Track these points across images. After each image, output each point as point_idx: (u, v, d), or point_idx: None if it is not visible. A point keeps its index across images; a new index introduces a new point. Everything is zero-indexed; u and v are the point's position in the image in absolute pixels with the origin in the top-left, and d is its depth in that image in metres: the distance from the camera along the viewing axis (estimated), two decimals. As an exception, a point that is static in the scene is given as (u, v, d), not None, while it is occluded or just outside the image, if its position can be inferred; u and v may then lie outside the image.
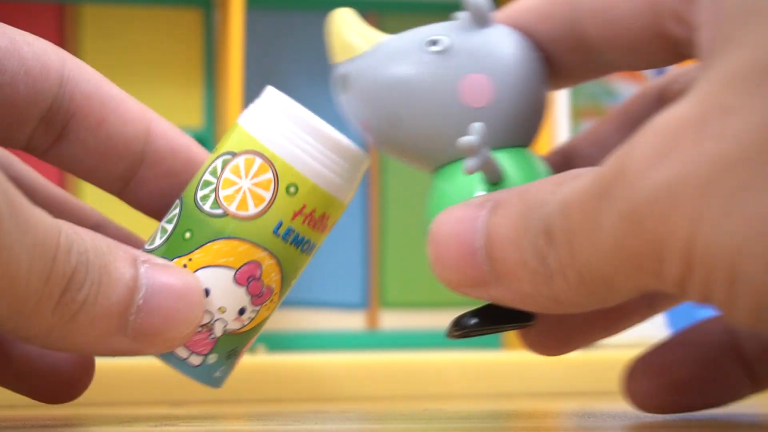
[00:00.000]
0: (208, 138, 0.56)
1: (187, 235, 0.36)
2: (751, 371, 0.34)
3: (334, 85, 0.35)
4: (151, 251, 0.36)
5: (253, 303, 0.36)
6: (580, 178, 0.28)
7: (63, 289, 0.31)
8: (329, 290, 0.58)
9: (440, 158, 0.34)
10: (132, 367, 0.48)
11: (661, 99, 0.36)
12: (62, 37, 0.55)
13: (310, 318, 0.57)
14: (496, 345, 0.58)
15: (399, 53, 0.33)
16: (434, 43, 0.33)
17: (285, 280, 0.37)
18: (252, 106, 0.37)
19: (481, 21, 0.33)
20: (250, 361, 0.50)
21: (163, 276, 0.34)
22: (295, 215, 0.36)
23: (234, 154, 0.36)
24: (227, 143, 0.36)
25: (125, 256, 0.33)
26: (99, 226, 0.38)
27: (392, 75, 0.33)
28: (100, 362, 0.49)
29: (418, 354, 0.54)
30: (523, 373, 0.51)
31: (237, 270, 0.36)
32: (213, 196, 0.36)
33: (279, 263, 0.36)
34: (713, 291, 0.25)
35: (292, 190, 0.36)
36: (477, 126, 0.31)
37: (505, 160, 0.32)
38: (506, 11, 0.34)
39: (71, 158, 0.36)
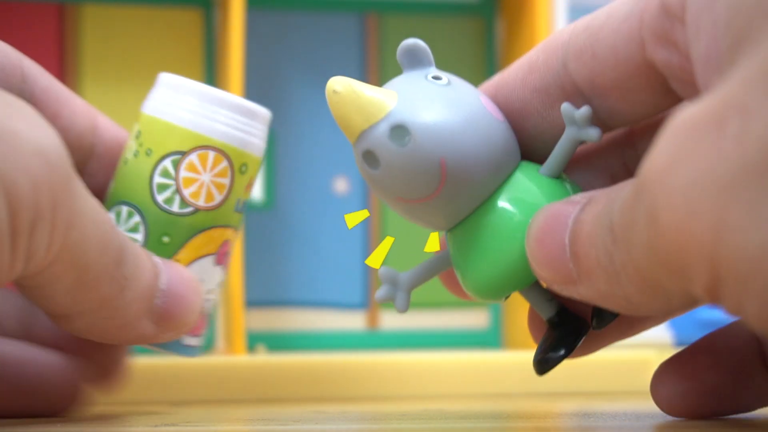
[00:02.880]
0: (208, 138, 0.56)
1: (165, 239, 0.38)
2: None
3: (389, 137, 0.32)
4: None
5: (224, 270, 0.40)
6: (635, 181, 0.27)
7: (117, 261, 0.33)
8: (329, 290, 0.58)
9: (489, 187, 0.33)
10: (132, 367, 0.48)
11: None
12: (62, 37, 0.55)
13: (310, 318, 0.57)
14: (496, 345, 0.58)
15: (426, 97, 0.32)
16: (438, 78, 0.33)
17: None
18: (159, 97, 0.39)
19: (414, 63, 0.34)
20: (250, 361, 0.50)
21: (172, 267, 0.36)
22: (246, 189, 0.40)
23: (183, 153, 0.38)
24: (163, 143, 0.38)
25: (140, 248, 0.36)
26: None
27: (435, 108, 0.32)
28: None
29: (418, 354, 0.54)
30: (523, 373, 0.51)
31: (215, 254, 0.39)
32: (177, 197, 0.38)
33: (236, 231, 0.40)
34: (745, 304, 0.24)
35: (243, 169, 0.39)
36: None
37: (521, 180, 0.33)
38: (498, 75, 0.34)
39: None
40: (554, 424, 0.34)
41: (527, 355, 0.36)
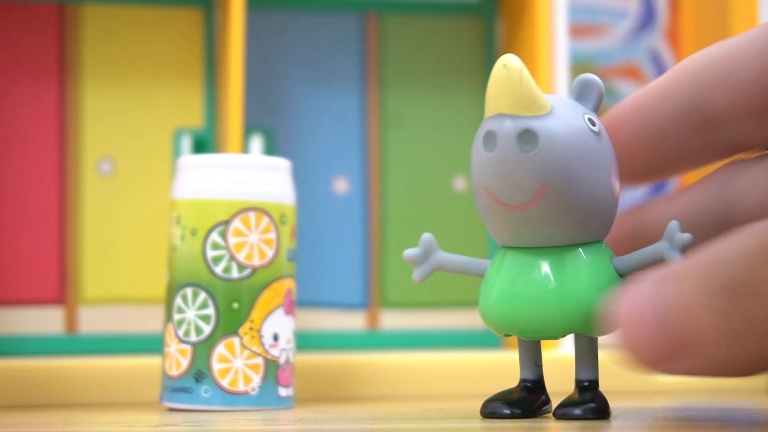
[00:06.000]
0: (208, 138, 0.56)
1: (235, 305, 0.41)
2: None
3: (516, 137, 0.33)
4: (200, 341, 0.41)
5: (294, 319, 0.43)
6: (761, 230, 0.28)
7: None
8: (329, 290, 0.58)
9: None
10: (132, 367, 0.48)
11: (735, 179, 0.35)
12: (62, 37, 0.55)
13: (310, 318, 0.57)
14: (496, 345, 0.58)
15: (574, 126, 0.33)
16: (592, 123, 0.33)
17: None
18: (186, 180, 0.42)
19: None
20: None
21: None
22: (290, 238, 0.43)
23: (226, 222, 0.41)
24: (205, 219, 0.41)
25: None
26: None
27: (576, 145, 0.33)
28: (98, 362, 0.49)
29: (418, 354, 0.54)
30: (523, 373, 0.51)
31: (283, 305, 0.42)
32: (234, 263, 0.41)
33: (293, 279, 0.43)
34: None
35: (283, 219, 0.42)
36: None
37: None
38: (634, 95, 0.35)
39: None
40: (554, 425, 0.34)
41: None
